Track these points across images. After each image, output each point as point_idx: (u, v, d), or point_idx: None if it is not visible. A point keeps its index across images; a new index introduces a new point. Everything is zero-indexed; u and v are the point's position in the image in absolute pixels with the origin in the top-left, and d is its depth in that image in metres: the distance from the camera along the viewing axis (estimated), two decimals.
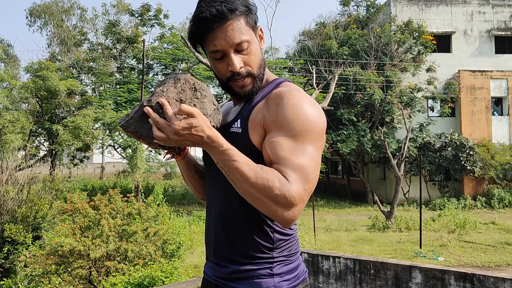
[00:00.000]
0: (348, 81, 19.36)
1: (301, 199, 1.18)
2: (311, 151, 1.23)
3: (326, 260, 4.71)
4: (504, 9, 21.50)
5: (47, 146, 19.26)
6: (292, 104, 1.25)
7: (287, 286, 1.33)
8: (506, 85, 20.37)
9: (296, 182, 1.18)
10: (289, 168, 1.20)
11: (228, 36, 1.27)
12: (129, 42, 21.72)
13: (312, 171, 1.22)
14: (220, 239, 1.38)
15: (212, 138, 1.18)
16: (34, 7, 34.47)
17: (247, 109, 1.35)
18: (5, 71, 22.00)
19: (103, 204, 5.98)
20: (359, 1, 22.80)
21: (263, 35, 1.39)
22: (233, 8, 1.27)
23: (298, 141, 1.23)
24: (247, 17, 1.31)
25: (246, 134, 1.31)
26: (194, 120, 1.16)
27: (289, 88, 1.31)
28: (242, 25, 1.29)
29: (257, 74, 1.34)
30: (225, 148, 1.19)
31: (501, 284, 3.65)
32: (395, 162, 13.31)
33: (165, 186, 23.15)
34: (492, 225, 13.20)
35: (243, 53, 1.30)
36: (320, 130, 1.27)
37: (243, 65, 1.31)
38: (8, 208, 6.94)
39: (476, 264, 8.95)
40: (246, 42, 1.29)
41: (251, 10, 1.33)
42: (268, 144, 1.25)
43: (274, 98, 1.30)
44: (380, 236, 11.57)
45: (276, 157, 1.22)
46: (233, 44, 1.28)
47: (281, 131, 1.24)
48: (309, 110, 1.26)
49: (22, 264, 6.20)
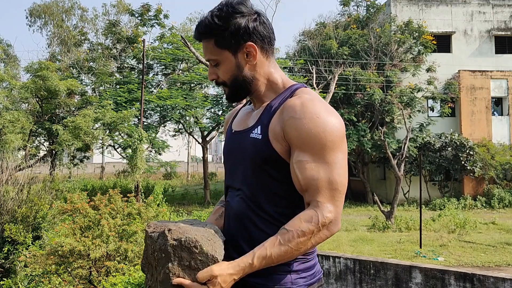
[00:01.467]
0: (348, 81, 19.35)
1: (335, 212, 1.30)
2: (336, 160, 1.32)
3: (326, 260, 4.71)
4: (504, 9, 21.50)
5: (47, 146, 19.25)
6: (309, 118, 1.32)
7: (303, 283, 1.38)
8: (506, 85, 20.36)
9: (327, 201, 1.29)
10: (316, 190, 1.30)
11: (204, 52, 1.49)
12: (129, 42, 21.71)
13: (340, 178, 1.31)
14: (240, 236, 1.42)
15: (239, 271, 1.27)
16: (34, 7, 34.45)
17: (267, 116, 1.42)
18: (5, 71, 21.98)
19: (103, 204, 5.98)
20: (359, 1, 22.79)
21: (254, 51, 1.42)
22: (203, 32, 1.43)
23: (323, 154, 1.31)
24: (218, 38, 1.42)
25: (268, 142, 1.37)
26: (215, 280, 1.24)
27: (302, 100, 1.36)
28: (210, 46, 1.44)
29: (230, 85, 1.47)
30: (251, 263, 1.27)
31: (501, 284, 3.65)
32: (395, 162, 13.31)
33: (165, 186, 23.15)
34: (492, 225, 13.20)
35: (217, 67, 1.47)
36: (341, 135, 1.34)
37: (216, 78, 1.48)
38: (8, 208, 6.94)
39: (476, 264, 8.95)
40: (213, 61, 1.46)
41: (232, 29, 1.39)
42: (296, 164, 1.33)
43: (288, 110, 1.37)
44: (380, 236, 11.57)
45: (303, 177, 1.31)
46: (206, 59, 1.48)
47: (305, 149, 1.32)
48: (327, 120, 1.33)
49: (22, 264, 6.20)
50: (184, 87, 20.70)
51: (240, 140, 1.48)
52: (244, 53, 1.43)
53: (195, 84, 21.00)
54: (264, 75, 1.46)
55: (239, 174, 1.45)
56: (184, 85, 20.77)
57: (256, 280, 1.36)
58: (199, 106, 19.23)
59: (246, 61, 1.43)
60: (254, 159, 1.39)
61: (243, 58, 1.43)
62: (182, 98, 18.79)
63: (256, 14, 1.42)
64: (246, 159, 1.42)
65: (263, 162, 1.37)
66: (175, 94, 18.90)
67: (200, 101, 19.26)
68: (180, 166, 42.08)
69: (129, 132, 17.70)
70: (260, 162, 1.38)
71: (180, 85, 20.67)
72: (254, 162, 1.39)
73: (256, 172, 1.39)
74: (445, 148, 18.63)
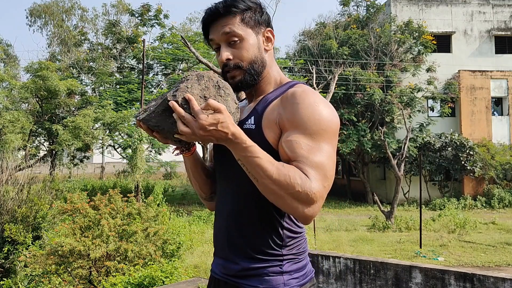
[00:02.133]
0: (348, 81, 19.36)
1: (321, 196, 1.23)
2: (327, 150, 1.28)
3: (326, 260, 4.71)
4: (504, 9, 21.50)
5: (47, 146, 19.26)
6: (308, 104, 1.30)
7: (296, 283, 1.36)
8: (506, 85, 20.36)
9: (316, 180, 1.23)
10: (308, 165, 1.24)
11: (220, 29, 1.38)
12: (129, 42, 21.72)
13: (330, 168, 1.27)
14: (232, 236, 1.40)
15: (236, 135, 1.21)
16: (34, 7, 34.46)
17: (261, 107, 1.39)
18: (5, 71, 21.99)
19: (103, 204, 5.98)
20: (359, 1, 22.79)
21: (273, 38, 1.47)
22: (230, 5, 1.37)
23: (315, 139, 1.27)
24: (244, 15, 1.39)
25: (260, 131, 1.34)
26: (221, 116, 1.18)
27: (304, 89, 1.35)
28: (235, 22, 1.38)
29: (247, 68, 1.39)
30: (248, 144, 1.22)
31: (501, 284, 3.65)
32: (395, 162, 13.31)
33: (165, 186, 23.14)
34: (492, 225, 13.20)
35: (234, 47, 1.39)
36: (335, 129, 1.32)
37: (232, 58, 1.39)
38: (8, 208, 6.94)
39: (476, 264, 8.95)
40: (236, 37, 1.38)
41: (254, 9, 1.42)
42: (286, 143, 1.29)
43: (289, 98, 1.34)
44: (380, 236, 11.57)
45: (294, 155, 1.26)
46: (222, 34, 1.38)
47: (298, 130, 1.28)
48: (324, 110, 1.31)
49: (22, 264, 6.20)
50: None
51: None
52: (264, 37, 1.44)
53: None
54: (270, 66, 1.46)
55: (230, 169, 1.41)
56: None
57: (248, 282, 1.36)
58: None
59: (264, 46, 1.44)
60: None
61: (262, 41, 1.44)
62: None
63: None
64: None
65: None
66: None
67: None
68: (180, 166, 42.01)
69: (129, 132, 17.70)
70: None
71: None
72: None
73: None
74: (445, 148, 18.63)
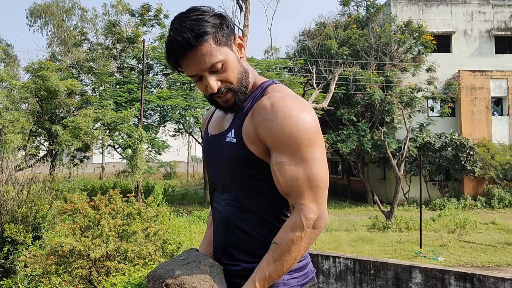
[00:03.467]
0: (348, 81, 19.35)
1: (319, 210, 1.28)
2: (314, 156, 1.28)
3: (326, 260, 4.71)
4: (504, 9, 21.50)
5: (47, 146, 19.25)
6: (282, 118, 1.27)
7: (295, 283, 1.36)
8: (506, 85, 20.36)
9: (309, 202, 1.27)
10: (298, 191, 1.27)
11: (199, 62, 1.30)
12: (129, 42, 21.71)
13: (320, 174, 1.29)
14: (230, 240, 1.41)
15: None
16: (35, 7, 34.46)
17: (240, 118, 1.37)
18: (5, 71, 21.97)
19: (103, 204, 5.98)
20: (359, 1, 22.80)
21: (243, 42, 1.40)
22: (200, 33, 1.27)
23: (300, 153, 1.27)
24: (217, 36, 1.31)
25: (243, 145, 1.34)
26: None
27: (272, 100, 1.31)
28: (211, 48, 1.29)
29: (238, 88, 1.35)
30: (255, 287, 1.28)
31: (501, 284, 3.65)
32: (395, 162, 13.31)
33: (165, 186, 23.16)
34: (492, 225, 13.20)
35: (220, 72, 1.32)
36: (316, 131, 1.30)
37: (221, 84, 1.33)
38: (8, 208, 6.93)
39: (476, 264, 8.95)
40: (219, 63, 1.31)
41: (222, 24, 1.33)
42: (275, 167, 1.30)
43: (259, 112, 1.31)
44: (380, 236, 11.57)
45: (283, 179, 1.29)
46: (205, 68, 1.31)
47: (281, 150, 1.28)
48: (299, 117, 1.28)
49: (22, 264, 6.20)
50: (184, 87, 20.71)
51: (216, 145, 1.44)
52: (236, 46, 1.38)
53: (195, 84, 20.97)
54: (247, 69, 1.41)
55: (221, 179, 1.43)
56: (184, 85, 20.78)
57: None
58: (199, 106, 19.22)
59: (239, 55, 1.38)
60: (233, 163, 1.36)
61: (237, 51, 1.38)
62: (182, 98, 18.80)
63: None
64: (225, 164, 1.39)
65: (242, 165, 1.35)
66: (175, 94, 18.92)
67: (200, 101, 19.25)
68: (180, 166, 42.03)
69: (129, 132, 17.70)
70: (239, 165, 1.35)
71: (180, 85, 20.68)
72: (234, 166, 1.36)
73: (237, 176, 1.37)
74: (445, 148, 18.63)
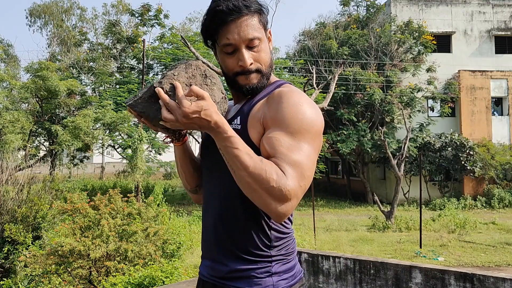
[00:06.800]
0: (348, 81, 19.36)
1: (295, 194, 1.20)
2: (308, 150, 1.26)
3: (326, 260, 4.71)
4: (504, 9, 21.50)
5: (47, 146, 19.26)
6: (292, 103, 1.29)
7: (285, 285, 1.35)
8: (506, 85, 20.36)
9: (293, 178, 1.20)
10: (286, 163, 1.22)
11: (241, 31, 1.31)
12: (129, 42, 21.72)
13: (308, 168, 1.25)
14: (219, 236, 1.39)
15: (218, 124, 1.20)
16: (34, 7, 34.50)
17: (248, 107, 1.38)
18: (5, 71, 21.98)
19: (103, 204, 5.98)
20: (359, 1, 22.80)
21: (272, 38, 1.45)
22: (249, 4, 1.32)
23: (296, 138, 1.25)
24: (260, 16, 1.36)
25: (245, 131, 1.33)
26: (204, 103, 1.18)
27: (290, 89, 1.35)
28: (255, 22, 1.34)
29: (265, 72, 1.38)
30: (229, 135, 1.21)
31: (501, 284, 3.65)
32: (395, 162, 13.31)
33: (165, 186, 23.15)
34: (492, 225, 13.20)
35: (254, 50, 1.34)
36: (317, 130, 1.30)
37: (253, 62, 1.35)
38: (8, 208, 6.94)
39: (476, 264, 8.95)
40: (258, 40, 1.34)
41: (264, 10, 1.39)
42: (267, 140, 1.27)
43: (275, 97, 1.33)
44: (380, 236, 11.57)
45: (274, 151, 1.24)
46: (246, 39, 1.32)
47: (279, 128, 1.26)
48: (308, 110, 1.29)
49: (22, 264, 6.20)
50: None
51: None
52: (268, 37, 1.42)
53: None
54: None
55: (217, 169, 1.39)
56: None
57: (236, 284, 1.34)
58: None
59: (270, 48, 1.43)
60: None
61: (268, 42, 1.42)
62: None
63: None
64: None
65: None
66: None
67: None
68: None
69: (129, 132, 17.70)
70: None
71: None
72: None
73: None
74: (445, 148, 18.63)
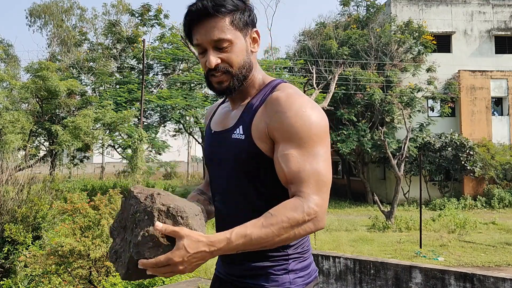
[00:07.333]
0: (348, 81, 19.35)
1: (321, 206, 1.23)
2: (321, 153, 1.28)
3: (326, 260, 4.71)
4: (504, 9, 21.50)
5: (47, 146, 19.25)
6: (295, 111, 1.28)
7: (301, 282, 1.36)
8: (506, 85, 20.36)
9: (313, 193, 1.23)
10: (303, 181, 1.24)
11: (207, 31, 1.31)
12: (129, 42, 21.72)
13: (325, 171, 1.27)
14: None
15: (213, 243, 1.15)
16: (34, 7, 34.49)
17: (248, 115, 1.36)
18: (5, 71, 21.98)
19: (103, 204, 5.98)
20: (359, 1, 22.79)
21: (259, 39, 1.41)
22: (219, 5, 1.29)
23: (308, 147, 1.27)
24: (234, 17, 1.32)
25: (251, 141, 1.32)
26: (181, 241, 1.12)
27: (286, 93, 1.32)
28: (224, 24, 1.30)
29: (235, 73, 1.34)
30: (229, 237, 1.16)
31: (501, 284, 3.65)
32: (395, 162, 13.30)
33: (165, 186, 23.14)
34: (492, 225, 13.19)
35: (223, 51, 1.32)
36: (325, 130, 1.31)
37: (221, 62, 1.32)
38: (8, 208, 6.94)
39: (476, 264, 8.94)
40: (227, 41, 1.31)
41: (243, 10, 1.35)
42: (281, 158, 1.28)
43: (274, 105, 1.31)
44: (380, 236, 11.56)
45: (289, 170, 1.26)
46: (211, 40, 1.31)
47: (290, 142, 1.27)
48: (312, 114, 1.29)
49: (22, 264, 6.20)
50: (184, 87, 20.71)
51: (221, 142, 1.42)
52: (251, 38, 1.38)
53: (195, 84, 21.01)
54: (254, 68, 1.41)
55: (224, 177, 1.40)
56: (184, 85, 20.78)
57: (254, 281, 1.35)
58: (199, 106, 19.23)
59: (251, 48, 1.39)
60: (238, 160, 1.35)
61: (249, 43, 1.38)
62: (182, 98, 18.80)
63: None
64: (229, 161, 1.37)
65: (247, 162, 1.33)
66: (175, 94, 18.91)
67: (200, 101, 19.26)
68: (180, 166, 42.04)
69: (129, 132, 17.70)
70: (245, 162, 1.34)
71: (180, 85, 20.68)
72: (239, 163, 1.35)
73: (241, 173, 1.35)
74: (445, 148, 18.63)
